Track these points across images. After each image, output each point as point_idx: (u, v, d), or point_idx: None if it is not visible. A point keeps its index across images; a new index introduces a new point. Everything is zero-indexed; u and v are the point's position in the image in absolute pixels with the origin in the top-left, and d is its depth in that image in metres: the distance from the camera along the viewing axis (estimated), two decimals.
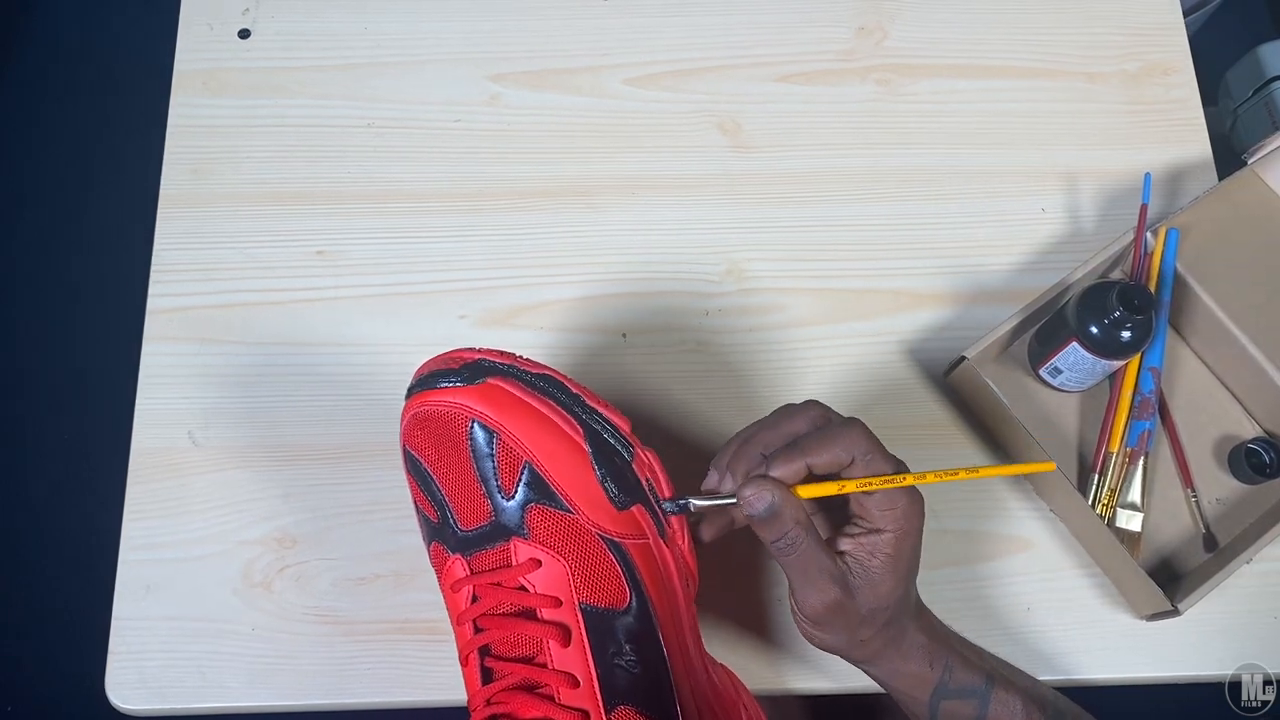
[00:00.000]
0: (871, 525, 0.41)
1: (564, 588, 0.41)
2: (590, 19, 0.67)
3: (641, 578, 0.42)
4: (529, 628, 0.40)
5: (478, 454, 0.41)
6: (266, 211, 0.61)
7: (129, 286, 0.66)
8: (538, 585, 0.41)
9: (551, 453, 0.41)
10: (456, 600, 0.43)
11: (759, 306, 0.60)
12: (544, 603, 0.41)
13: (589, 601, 0.41)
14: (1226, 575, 0.50)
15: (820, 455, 0.40)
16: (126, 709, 0.52)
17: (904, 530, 0.41)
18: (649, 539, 0.43)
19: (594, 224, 0.62)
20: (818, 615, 0.42)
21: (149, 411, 0.57)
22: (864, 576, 0.41)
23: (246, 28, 0.66)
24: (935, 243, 0.62)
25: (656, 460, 0.45)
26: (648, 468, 0.44)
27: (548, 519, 0.41)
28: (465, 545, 0.42)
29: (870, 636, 0.43)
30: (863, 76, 0.66)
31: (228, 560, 0.54)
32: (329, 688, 0.52)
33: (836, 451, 0.40)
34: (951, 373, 0.57)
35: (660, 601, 0.42)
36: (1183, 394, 0.58)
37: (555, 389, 0.43)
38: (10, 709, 1.16)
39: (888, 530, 0.41)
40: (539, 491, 0.41)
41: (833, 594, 0.41)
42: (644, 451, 0.45)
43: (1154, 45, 0.67)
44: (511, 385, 0.42)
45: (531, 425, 0.41)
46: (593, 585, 0.41)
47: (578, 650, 0.40)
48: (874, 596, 0.41)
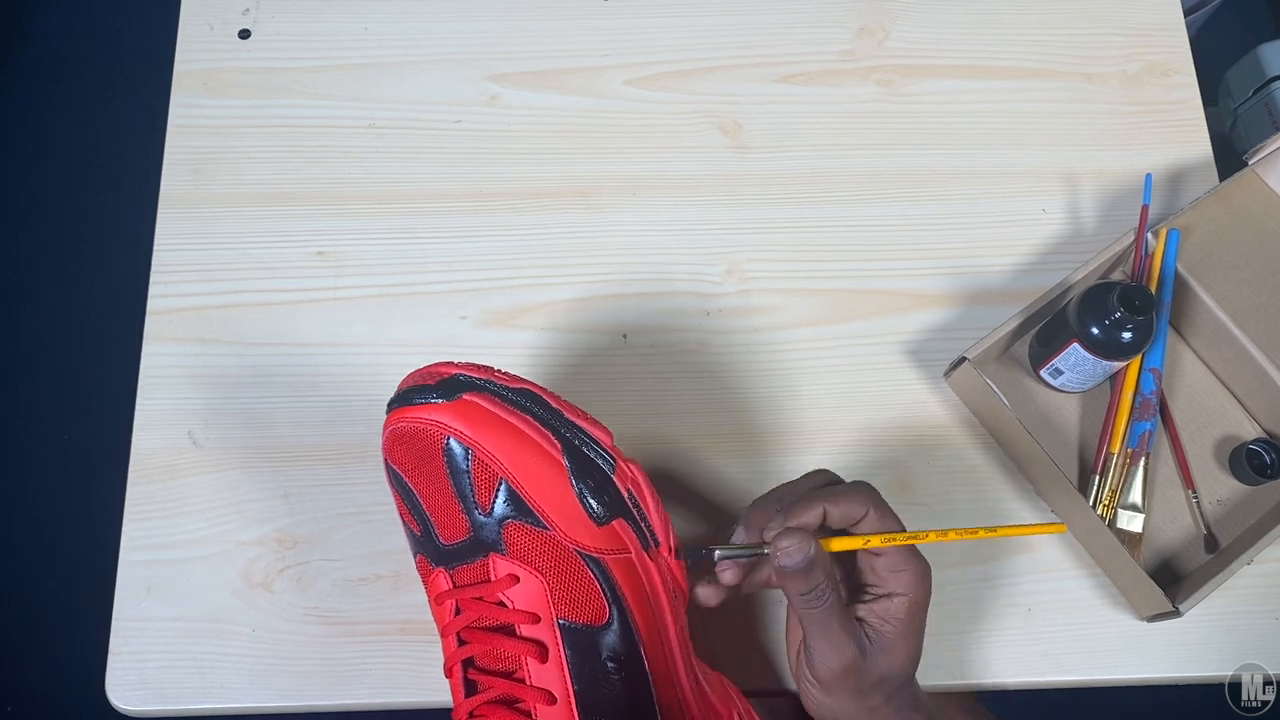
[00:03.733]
0: (883, 590, 0.42)
1: (542, 604, 0.41)
2: (591, 19, 0.67)
3: (623, 593, 0.42)
4: (507, 644, 0.41)
5: (454, 470, 0.41)
6: (267, 212, 0.61)
7: (129, 287, 0.66)
8: (516, 601, 0.41)
9: (527, 469, 0.41)
10: (441, 612, 0.43)
11: (759, 307, 0.60)
12: (522, 619, 0.41)
13: (568, 618, 0.41)
14: (1227, 576, 0.50)
15: (835, 506, 0.41)
16: (127, 710, 0.52)
17: (915, 595, 0.41)
18: (631, 553, 0.43)
19: (594, 224, 0.62)
20: (832, 677, 0.42)
21: (149, 412, 0.57)
22: (878, 643, 0.41)
23: (247, 28, 0.66)
24: (936, 243, 0.62)
25: (640, 472, 0.45)
26: (630, 480, 0.44)
27: (524, 535, 0.41)
28: (447, 558, 0.42)
29: (880, 704, 0.43)
30: (863, 77, 0.66)
31: (228, 561, 0.54)
32: (329, 688, 0.52)
33: (851, 505, 0.41)
34: (952, 373, 0.57)
35: (643, 617, 0.42)
36: (1184, 395, 0.58)
37: (533, 404, 0.43)
38: (10, 709, 1.16)
39: (899, 594, 0.41)
40: (515, 508, 0.41)
41: (850, 653, 0.41)
42: (626, 464, 0.44)
43: (1154, 45, 0.67)
44: (487, 401, 0.42)
45: (507, 441, 0.41)
46: (571, 602, 0.41)
47: (555, 667, 0.40)
48: (887, 663, 0.42)
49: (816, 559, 0.41)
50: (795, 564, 0.40)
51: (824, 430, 0.57)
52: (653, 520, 0.44)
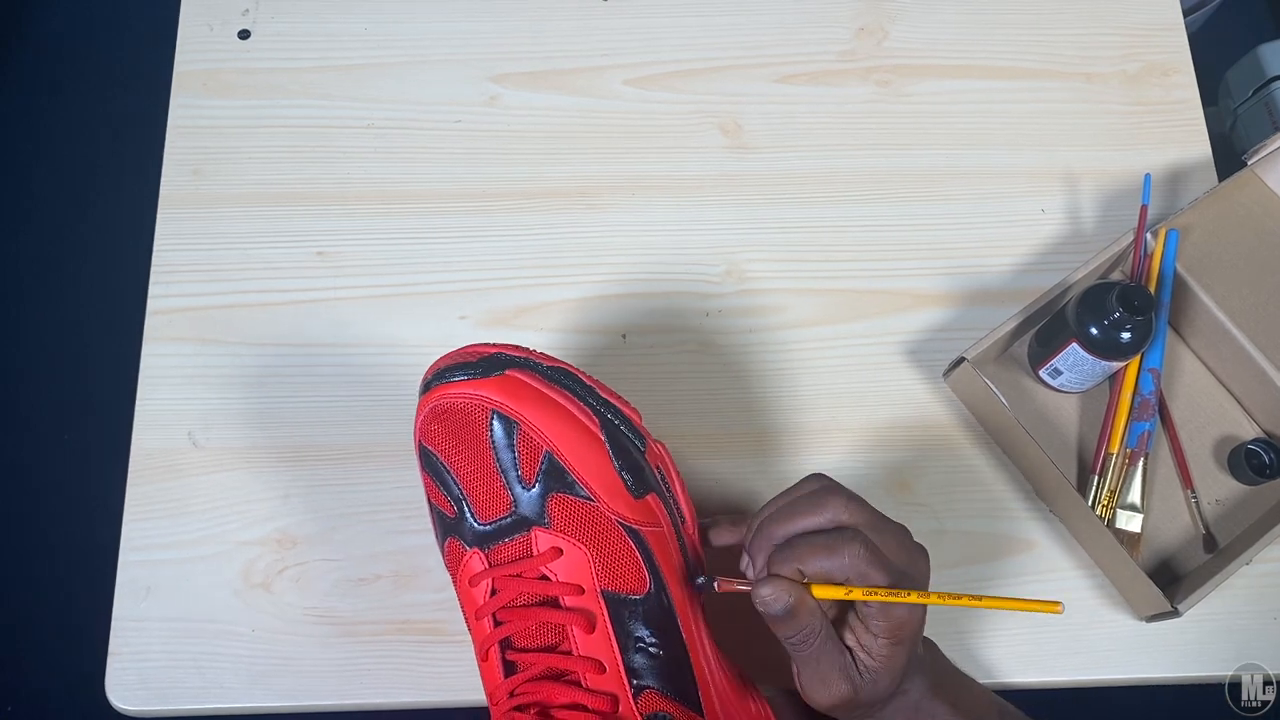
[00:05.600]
0: (867, 626, 0.41)
1: (586, 575, 0.41)
2: (590, 19, 0.67)
3: (659, 565, 0.43)
4: (553, 615, 0.41)
5: (497, 445, 0.42)
6: (267, 212, 0.61)
7: (129, 287, 0.66)
8: (559, 574, 0.42)
9: (571, 442, 0.42)
10: (474, 595, 0.43)
11: (759, 307, 0.60)
12: (567, 590, 0.41)
13: (610, 588, 0.42)
14: (1226, 576, 0.50)
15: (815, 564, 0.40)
16: (126, 710, 0.52)
17: (898, 639, 0.41)
18: (664, 528, 0.44)
19: (594, 225, 0.62)
20: (825, 708, 0.42)
21: (149, 412, 0.57)
22: (865, 675, 0.41)
23: (246, 28, 0.66)
24: (935, 243, 0.62)
25: (667, 453, 0.46)
26: (659, 459, 0.45)
27: (569, 507, 0.42)
28: (484, 539, 0.43)
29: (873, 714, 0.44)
30: (863, 77, 0.66)
31: (228, 561, 0.54)
32: (329, 688, 0.52)
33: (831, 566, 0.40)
34: (951, 373, 0.57)
35: (676, 588, 0.43)
36: (1182, 395, 0.58)
37: (571, 381, 0.44)
38: (10, 709, 1.16)
39: (881, 637, 0.41)
40: (559, 481, 0.42)
41: (840, 691, 0.41)
42: (655, 444, 0.45)
43: (1154, 46, 0.67)
44: (529, 377, 0.43)
45: (550, 416, 0.42)
46: (614, 572, 0.42)
47: (602, 636, 0.41)
48: (873, 692, 0.42)
49: (800, 607, 0.40)
50: (775, 612, 0.40)
51: (823, 430, 0.57)
52: (680, 499, 0.45)
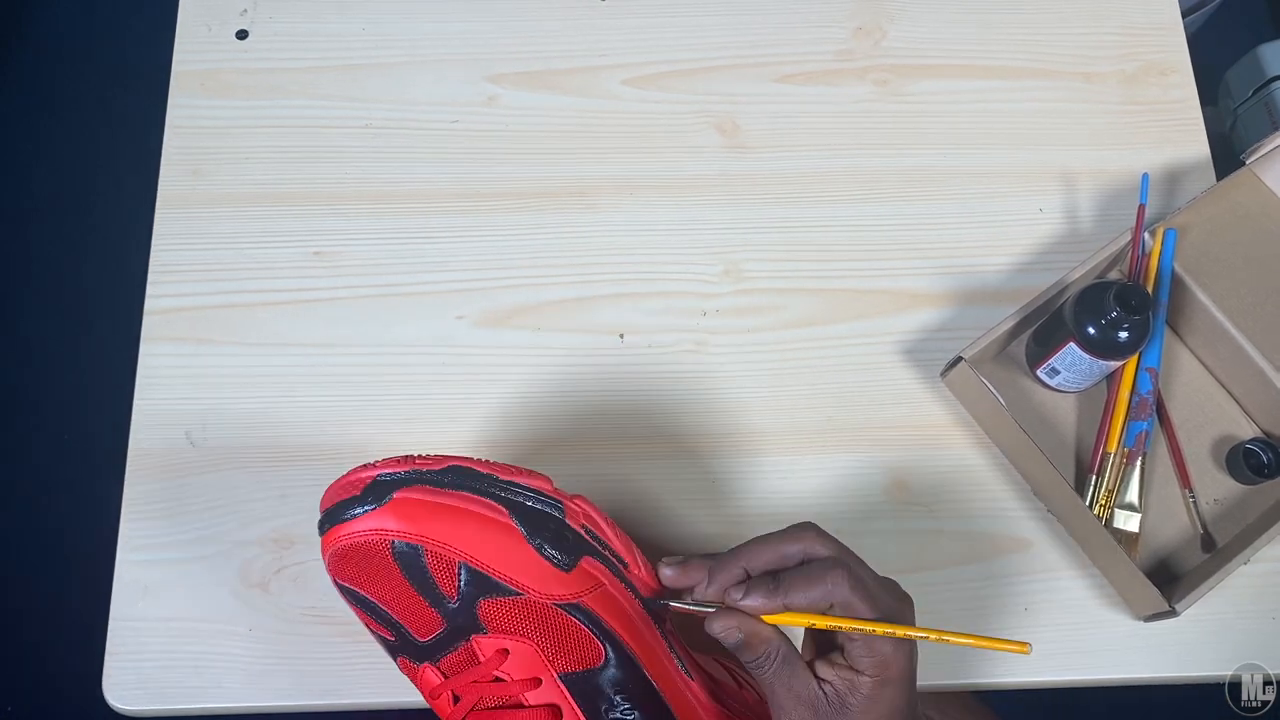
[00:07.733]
0: (851, 663, 0.40)
1: (539, 666, 0.41)
2: (588, 19, 0.67)
3: (610, 627, 0.42)
4: (519, 716, 0.40)
5: (409, 572, 0.41)
6: (265, 212, 0.61)
7: (127, 287, 0.66)
8: (513, 672, 0.41)
9: (482, 544, 0.41)
10: (440, 706, 0.43)
11: (757, 307, 0.60)
12: (525, 687, 0.41)
13: (567, 669, 0.41)
14: (1224, 576, 0.50)
15: (798, 597, 0.39)
16: (125, 710, 0.52)
17: (884, 678, 0.39)
18: (606, 584, 0.43)
19: (591, 224, 0.62)
20: None
21: (147, 412, 0.57)
22: (840, 709, 0.40)
23: (245, 29, 0.66)
24: (933, 243, 0.62)
25: (588, 504, 0.45)
26: (582, 516, 0.44)
27: (500, 608, 0.41)
28: (429, 653, 0.42)
29: None
30: (860, 77, 0.66)
31: (226, 561, 0.54)
32: (327, 688, 0.52)
33: (815, 595, 0.39)
34: (948, 373, 0.57)
35: (636, 641, 0.42)
36: (1180, 394, 0.58)
37: (465, 478, 0.43)
38: (10, 709, 1.16)
39: (866, 675, 0.39)
40: (482, 586, 0.41)
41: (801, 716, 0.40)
42: (573, 501, 0.44)
43: (1152, 45, 0.67)
44: (419, 492, 0.41)
45: (453, 525, 0.41)
46: (566, 653, 0.41)
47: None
48: None
49: (752, 639, 0.40)
50: (730, 644, 0.40)
51: (820, 430, 0.57)
52: (614, 545, 0.44)
